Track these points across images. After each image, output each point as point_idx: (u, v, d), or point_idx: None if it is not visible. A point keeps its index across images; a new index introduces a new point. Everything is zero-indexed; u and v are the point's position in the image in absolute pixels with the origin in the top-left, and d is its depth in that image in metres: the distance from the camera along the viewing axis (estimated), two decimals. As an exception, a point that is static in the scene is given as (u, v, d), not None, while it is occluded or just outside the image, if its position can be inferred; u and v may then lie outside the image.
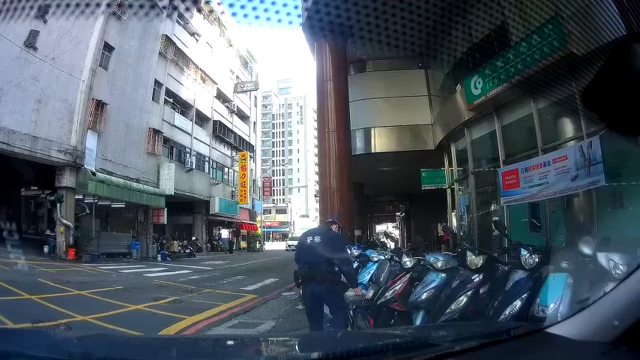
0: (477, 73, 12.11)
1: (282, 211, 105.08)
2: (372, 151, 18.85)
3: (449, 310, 4.90)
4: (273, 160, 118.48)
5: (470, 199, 15.02)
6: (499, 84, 11.32)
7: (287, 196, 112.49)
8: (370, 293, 6.82)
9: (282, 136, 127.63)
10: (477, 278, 5.03)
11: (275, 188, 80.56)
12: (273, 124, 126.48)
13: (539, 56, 8.96)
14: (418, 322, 5.28)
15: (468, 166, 14.53)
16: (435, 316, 5.08)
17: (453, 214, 17.20)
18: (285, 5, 2.80)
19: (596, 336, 1.70)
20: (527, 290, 4.29)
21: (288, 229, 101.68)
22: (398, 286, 6.20)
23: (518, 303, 4.22)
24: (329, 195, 14.83)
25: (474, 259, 5.18)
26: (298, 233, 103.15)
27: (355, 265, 7.94)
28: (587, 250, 4.00)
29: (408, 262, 6.47)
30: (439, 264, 5.63)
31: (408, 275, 6.28)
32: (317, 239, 6.24)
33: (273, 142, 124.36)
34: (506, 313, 4.17)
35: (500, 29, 10.46)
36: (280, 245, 71.78)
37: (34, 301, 9.54)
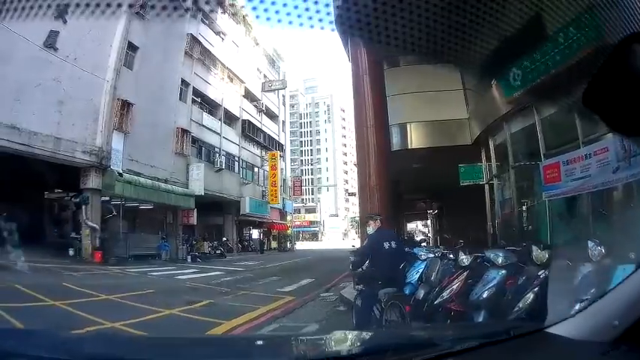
0: (516, 65, 11.24)
1: (311, 210, 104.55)
2: (409, 147, 17.72)
3: (516, 309, 4.71)
4: (301, 160, 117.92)
5: (510, 195, 14.37)
6: (539, 76, 10.48)
7: (316, 196, 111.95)
8: (421, 293, 6.76)
9: (310, 136, 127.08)
10: (543, 274, 4.78)
11: (304, 187, 79.71)
12: (301, 123, 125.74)
13: (577, 48, 8.40)
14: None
15: (508, 161, 13.82)
16: (499, 314, 4.96)
17: (492, 210, 16.33)
18: (316, 3, 2.67)
19: (597, 336, 1.68)
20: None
21: (317, 229, 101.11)
22: (455, 285, 6.03)
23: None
24: (369, 193, 14.04)
25: (540, 254, 5.02)
26: (328, 233, 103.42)
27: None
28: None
29: (465, 259, 6.31)
30: (500, 260, 5.49)
31: (465, 273, 6.09)
32: (393, 244, 6.65)
33: (301, 142, 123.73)
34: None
35: (536, 20, 9.36)
36: (311, 245, 70.88)
37: (58, 307, 8.88)
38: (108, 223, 22.53)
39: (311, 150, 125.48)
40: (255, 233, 45.96)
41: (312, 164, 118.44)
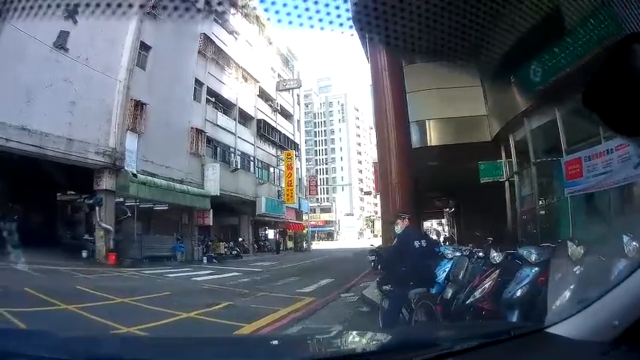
0: (536, 60, 10.91)
1: (327, 210, 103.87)
2: (428, 144, 17.52)
3: (554, 307, 4.40)
4: (316, 160, 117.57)
5: (531, 191, 14.11)
6: (560, 71, 10.16)
7: (331, 195, 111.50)
8: (449, 293, 6.63)
9: (324, 135, 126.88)
10: (578, 270, 4.68)
11: (319, 187, 79.29)
12: (315, 123, 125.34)
13: (597, 41, 7.78)
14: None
15: (530, 157, 13.56)
16: (533, 313, 4.74)
17: (513, 207, 16.08)
18: (337, 8, 2.66)
19: (597, 336, 1.68)
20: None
21: (333, 228, 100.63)
22: (487, 284, 5.82)
23: None
24: (390, 191, 14.14)
25: (576, 251, 4.84)
26: (344, 232, 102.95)
27: None
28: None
29: (496, 256, 6.09)
30: (533, 257, 5.33)
31: (497, 271, 5.88)
32: (423, 243, 6.55)
33: (315, 142, 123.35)
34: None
35: (554, 13, 9.16)
36: (326, 245, 70.33)
37: (71, 311, 8.52)
38: (122, 225, 22.19)
39: (325, 149, 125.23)
40: (270, 233, 45.60)
41: (326, 164, 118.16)
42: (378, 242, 24.02)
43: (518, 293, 5.10)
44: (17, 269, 13.14)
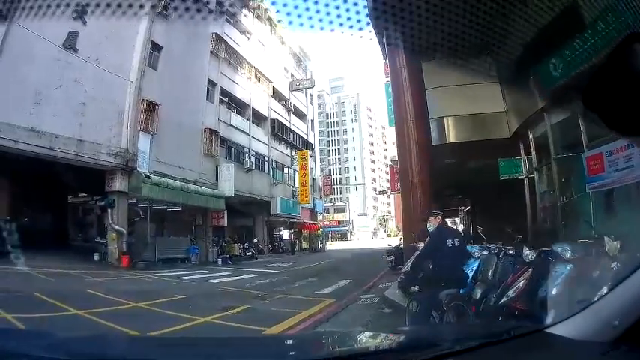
0: (556, 54, 11.26)
1: (340, 210, 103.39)
2: (447, 142, 17.30)
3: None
4: (329, 160, 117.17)
5: (552, 188, 13.90)
6: (580, 65, 10.32)
7: (344, 195, 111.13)
8: (478, 293, 6.56)
9: (337, 135, 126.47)
10: (615, 266, 4.41)
11: (333, 187, 78.89)
12: (328, 123, 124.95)
13: (616, 34, 8.31)
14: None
15: (550, 153, 13.35)
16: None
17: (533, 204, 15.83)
18: (355, 6, 2.88)
19: (597, 336, 1.68)
20: None
21: (346, 228, 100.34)
22: (521, 283, 5.61)
23: None
24: (411, 189, 13.91)
25: (613, 246, 4.67)
26: (357, 232, 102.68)
27: None
28: None
29: (529, 254, 5.95)
30: (567, 254, 5.16)
31: (530, 269, 5.69)
32: (456, 242, 6.31)
33: (328, 142, 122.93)
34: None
35: (573, 8, 9.88)
36: (341, 245, 69.91)
37: (82, 316, 8.11)
38: (135, 227, 21.83)
39: (338, 149, 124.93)
40: (285, 234, 45.14)
41: (339, 164, 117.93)
42: (395, 242, 23.65)
43: (553, 292, 4.84)
44: (26, 272, 12.84)
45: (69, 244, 22.47)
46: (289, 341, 3.25)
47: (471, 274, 7.18)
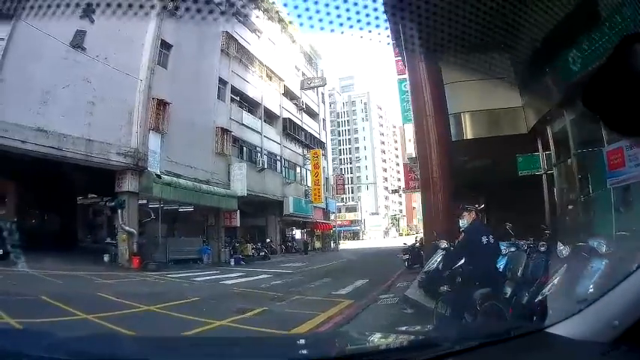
0: (574, 47, 11.08)
1: (352, 209, 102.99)
2: (464, 138, 17.01)
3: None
4: (340, 159, 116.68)
5: (571, 184, 13.80)
6: (599, 58, 9.89)
7: (356, 194, 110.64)
8: (508, 291, 6.22)
9: (348, 134, 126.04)
10: None
11: (345, 186, 78.51)
12: (338, 122, 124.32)
13: (634, 26, 8.19)
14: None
15: (569, 148, 13.18)
16: None
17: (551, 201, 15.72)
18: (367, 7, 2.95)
19: (597, 336, 1.68)
20: None
21: (358, 228, 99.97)
22: (556, 280, 5.24)
23: None
24: (431, 186, 13.63)
25: None
26: (369, 231, 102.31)
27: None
28: None
29: (564, 250, 5.69)
30: (603, 248, 4.93)
31: (565, 266, 5.33)
32: (491, 239, 6.11)
33: (339, 141, 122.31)
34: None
35: (591, 1, 9.84)
36: (353, 244, 69.49)
37: (90, 321, 7.68)
38: (146, 227, 21.52)
39: (349, 149, 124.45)
40: (298, 234, 44.86)
41: (350, 163, 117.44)
42: (410, 241, 23.24)
43: (592, 288, 4.47)
44: (32, 275, 12.61)
45: (78, 246, 22.39)
46: (289, 341, 3.23)
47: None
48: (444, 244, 10.30)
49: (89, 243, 23.89)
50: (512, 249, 7.33)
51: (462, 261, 6.63)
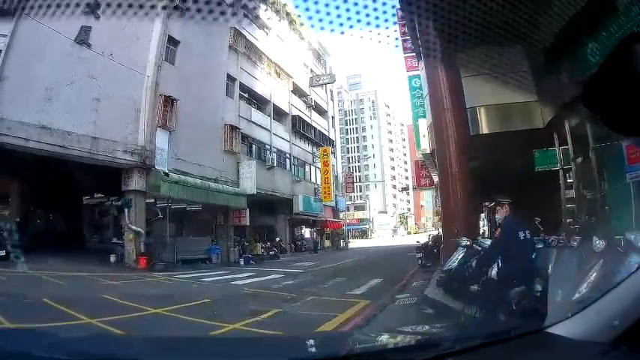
0: (592, 39, 10.93)
1: (360, 207, 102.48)
2: (480, 132, 16.48)
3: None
4: (348, 157, 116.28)
5: (590, 178, 13.62)
6: None
7: (364, 193, 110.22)
8: (539, 288, 5.68)
9: (356, 132, 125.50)
10: None
11: (354, 184, 78.23)
12: (346, 120, 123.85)
13: None
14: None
15: (588, 143, 13.06)
16: None
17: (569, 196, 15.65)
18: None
19: (597, 336, 1.67)
20: None
21: (367, 226, 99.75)
22: (593, 277, 4.86)
23: None
24: (450, 181, 13.29)
25: None
26: (378, 229, 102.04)
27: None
28: None
29: (599, 244, 5.33)
30: None
31: (601, 261, 5.03)
32: (527, 234, 5.92)
33: (347, 139, 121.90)
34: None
35: None
36: (362, 243, 69.28)
37: (95, 325, 7.15)
38: (153, 227, 20.98)
39: (357, 147, 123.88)
40: (307, 232, 44.39)
41: (359, 161, 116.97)
42: (423, 239, 22.76)
43: (630, 284, 3.81)
44: (36, 276, 12.46)
45: (84, 246, 22.07)
46: (289, 341, 3.17)
47: None
48: (464, 241, 9.96)
49: (95, 243, 23.64)
50: (540, 245, 7.06)
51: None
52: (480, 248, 8.95)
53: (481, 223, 43.30)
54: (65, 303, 8.64)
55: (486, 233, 17.36)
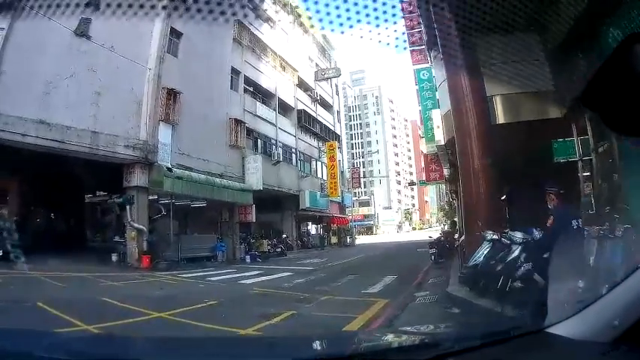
0: (612, 25, 10.33)
1: (365, 203, 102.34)
2: (496, 122, 15.62)
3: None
4: (352, 153, 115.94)
5: (611, 170, 12.92)
6: None
7: (369, 189, 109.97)
8: (580, 283, 5.15)
9: (360, 128, 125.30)
10: None
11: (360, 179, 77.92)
12: (350, 116, 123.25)
13: None
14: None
15: (610, 132, 11.62)
16: None
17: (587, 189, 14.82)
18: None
19: (597, 336, 1.65)
20: None
21: (372, 222, 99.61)
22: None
23: None
24: (472, 173, 12.70)
25: None
26: (383, 225, 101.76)
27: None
28: None
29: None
30: None
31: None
32: (580, 224, 5.92)
33: (351, 135, 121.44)
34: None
35: None
36: (369, 239, 68.81)
37: (92, 332, 6.44)
38: (156, 224, 20.37)
39: (361, 143, 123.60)
40: (313, 229, 43.94)
41: (363, 157, 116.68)
42: (435, 234, 22.24)
43: None
44: (34, 277, 12.04)
45: (86, 246, 21.56)
46: (291, 341, 3.08)
47: None
48: (490, 235, 9.36)
49: (98, 242, 23.17)
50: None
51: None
52: (509, 242, 8.26)
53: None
54: (60, 307, 8.08)
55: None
